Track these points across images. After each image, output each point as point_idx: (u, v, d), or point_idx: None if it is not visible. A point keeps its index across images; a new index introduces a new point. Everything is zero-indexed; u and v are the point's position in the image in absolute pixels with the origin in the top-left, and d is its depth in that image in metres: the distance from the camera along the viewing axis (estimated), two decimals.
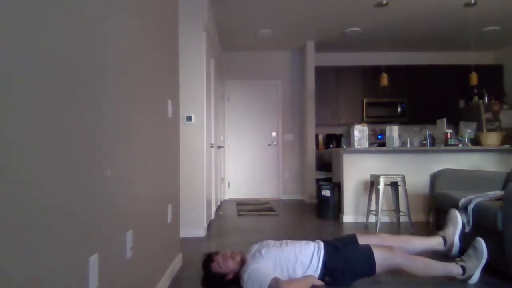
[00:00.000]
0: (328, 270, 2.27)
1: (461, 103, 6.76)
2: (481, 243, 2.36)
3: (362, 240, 2.49)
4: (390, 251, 2.34)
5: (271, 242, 2.44)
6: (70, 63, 1.13)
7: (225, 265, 2.29)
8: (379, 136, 6.80)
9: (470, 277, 2.34)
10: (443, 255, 2.52)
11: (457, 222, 2.55)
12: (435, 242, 2.51)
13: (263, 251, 2.31)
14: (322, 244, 2.39)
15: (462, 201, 2.82)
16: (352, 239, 2.51)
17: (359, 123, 4.66)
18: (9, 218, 0.84)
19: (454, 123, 5.18)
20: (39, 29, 0.97)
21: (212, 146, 4.77)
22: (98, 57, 1.33)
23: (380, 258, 2.29)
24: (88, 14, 1.26)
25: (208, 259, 2.33)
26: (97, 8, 1.34)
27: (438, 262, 2.40)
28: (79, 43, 1.19)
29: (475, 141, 4.85)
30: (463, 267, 2.35)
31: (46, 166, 0.99)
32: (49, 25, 1.02)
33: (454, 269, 2.36)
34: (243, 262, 2.31)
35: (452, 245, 2.49)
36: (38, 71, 0.96)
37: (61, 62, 1.07)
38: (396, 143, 4.61)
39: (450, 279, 2.38)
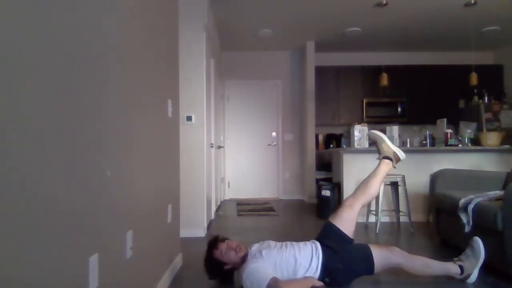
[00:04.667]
0: (327, 271, 2.26)
1: (461, 103, 6.76)
2: (478, 242, 2.37)
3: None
4: (388, 250, 2.34)
5: (272, 243, 2.42)
6: (70, 63, 1.13)
7: (227, 255, 2.32)
8: None
9: (468, 276, 2.34)
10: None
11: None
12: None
13: (264, 251, 2.29)
14: (318, 244, 2.37)
15: (462, 201, 2.82)
16: (342, 237, 2.43)
17: (359, 123, 4.66)
18: (9, 219, 0.84)
19: (454, 123, 5.18)
20: (38, 29, 0.97)
21: (212, 146, 4.77)
22: (98, 57, 1.33)
23: (379, 257, 2.29)
24: (87, 14, 1.26)
25: (213, 244, 2.37)
26: (97, 7, 1.34)
27: (437, 261, 2.40)
28: (78, 43, 1.19)
29: (475, 141, 4.85)
30: (461, 267, 2.35)
31: (45, 166, 0.99)
32: (49, 24, 1.02)
33: (452, 268, 2.35)
34: (244, 259, 2.31)
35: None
36: (38, 71, 0.96)
37: (60, 62, 1.07)
38: (396, 143, 4.61)
39: (449, 278, 2.38)
